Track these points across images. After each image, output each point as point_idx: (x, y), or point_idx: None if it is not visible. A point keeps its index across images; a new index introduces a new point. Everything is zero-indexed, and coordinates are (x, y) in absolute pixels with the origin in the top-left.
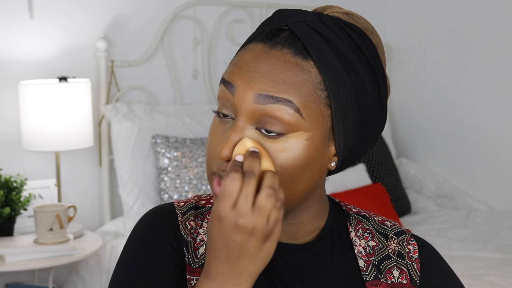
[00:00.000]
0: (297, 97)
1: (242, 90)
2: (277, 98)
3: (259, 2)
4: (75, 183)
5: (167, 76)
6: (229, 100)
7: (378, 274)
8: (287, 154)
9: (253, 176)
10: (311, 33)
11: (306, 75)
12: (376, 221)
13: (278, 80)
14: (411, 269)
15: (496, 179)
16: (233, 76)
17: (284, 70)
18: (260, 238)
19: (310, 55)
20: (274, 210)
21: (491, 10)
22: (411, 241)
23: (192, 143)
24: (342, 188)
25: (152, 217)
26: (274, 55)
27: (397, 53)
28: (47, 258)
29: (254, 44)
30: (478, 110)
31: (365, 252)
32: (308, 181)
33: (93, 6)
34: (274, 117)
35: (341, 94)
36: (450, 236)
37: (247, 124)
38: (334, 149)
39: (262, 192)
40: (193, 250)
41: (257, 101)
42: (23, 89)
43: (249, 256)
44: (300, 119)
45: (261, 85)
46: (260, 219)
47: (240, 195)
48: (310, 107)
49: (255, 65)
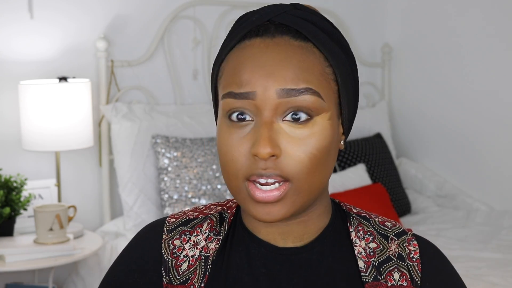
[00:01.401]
0: (315, 81)
1: (263, 90)
2: (299, 89)
3: (259, 2)
4: (75, 183)
5: (167, 76)
6: (248, 104)
7: (378, 275)
8: (319, 137)
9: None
10: (297, 19)
11: (312, 55)
12: (376, 222)
13: (294, 68)
14: (412, 270)
15: (496, 179)
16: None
17: (294, 55)
18: None
19: (306, 37)
20: None
21: (491, 10)
22: (412, 241)
23: (192, 143)
24: (342, 188)
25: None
26: (279, 43)
27: (397, 53)
28: (47, 258)
29: (247, 41)
30: (478, 110)
31: (365, 253)
32: (332, 164)
33: (93, 6)
34: (300, 106)
35: (341, 68)
36: (450, 236)
37: (274, 118)
38: (342, 126)
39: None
40: (174, 269)
41: (281, 95)
42: (23, 89)
43: None
44: (322, 101)
45: (279, 79)
46: None
47: None
48: (325, 86)
49: (265, 59)
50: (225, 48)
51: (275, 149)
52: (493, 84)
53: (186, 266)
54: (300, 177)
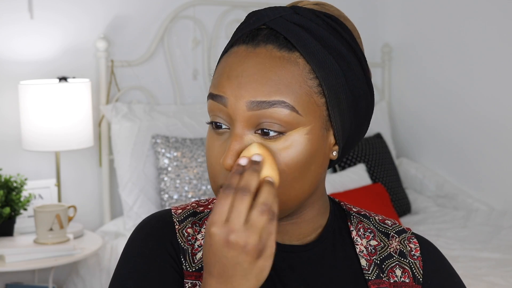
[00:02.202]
0: (290, 95)
1: (234, 99)
2: (270, 102)
3: (259, 2)
4: (75, 183)
5: (167, 76)
6: (222, 111)
7: (380, 273)
8: (290, 152)
9: (248, 193)
10: (291, 26)
11: (294, 67)
12: (376, 220)
13: (267, 80)
14: (414, 267)
15: (496, 179)
16: (222, 88)
17: (272, 67)
18: (253, 254)
19: (294, 47)
20: (267, 225)
21: (490, 8)
22: (412, 239)
23: (192, 143)
24: (342, 188)
25: (150, 226)
26: (260, 53)
27: (397, 53)
28: (47, 258)
29: (236, 47)
30: (479, 110)
31: (366, 251)
32: (314, 175)
33: (93, 6)
34: (271, 120)
35: (332, 79)
36: (450, 236)
37: (245, 130)
38: (333, 137)
39: (255, 208)
40: (190, 256)
41: (251, 108)
42: (23, 89)
43: (242, 272)
44: (297, 116)
45: (251, 91)
46: (253, 235)
47: (233, 211)
48: (304, 100)
49: (242, 69)
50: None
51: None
52: (493, 83)
53: (201, 254)
54: None
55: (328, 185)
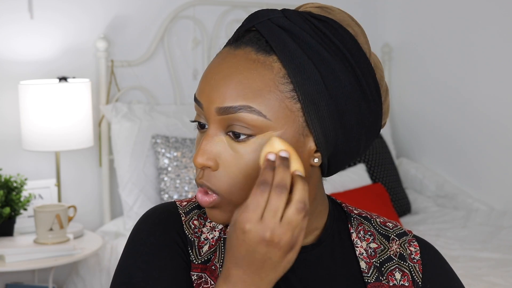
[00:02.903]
0: (257, 100)
1: (207, 104)
2: (236, 107)
3: (259, 2)
4: (75, 183)
5: (167, 76)
6: (201, 113)
7: (379, 276)
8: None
9: (285, 190)
10: (275, 29)
11: (267, 71)
12: (377, 222)
13: (236, 84)
14: (413, 271)
15: (496, 179)
16: (200, 93)
17: (243, 70)
18: (285, 250)
19: (273, 50)
20: (301, 222)
21: (490, 7)
22: (413, 242)
23: (192, 143)
24: (342, 188)
25: (155, 217)
26: (237, 54)
27: (397, 53)
28: (47, 258)
29: (224, 48)
30: (479, 110)
31: (366, 254)
32: None
33: (93, 6)
34: (239, 123)
35: (308, 86)
36: (450, 236)
37: (217, 131)
38: (314, 144)
39: (292, 206)
40: (197, 249)
41: (220, 112)
42: (23, 89)
43: (271, 266)
44: (265, 120)
45: (220, 97)
46: (288, 233)
47: (269, 208)
48: (274, 105)
49: (217, 70)
50: None
51: (208, 162)
52: (493, 83)
53: (207, 248)
54: (233, 192)
55: (328, 185)
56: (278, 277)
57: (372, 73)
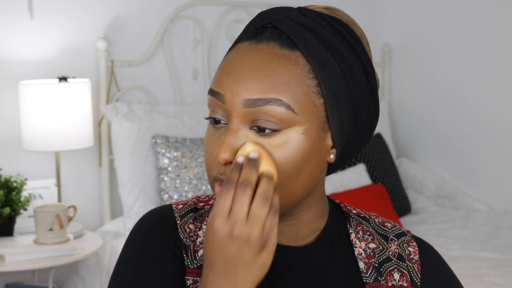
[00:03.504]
0: (286, 93)
1: (231, 96)
2: (266, 99)
3: (259, 2)
4: (75, 183)
5: (167, 76)
6: (220, 107)
7: (378, 276)
8: (284, 150)
9: (248, 186)
10: (295, 25)
11: (293, 66)
12: (376, 222)
13: (265, 77)
14: (412, 271)
15: (496, 179)
16: (220, 85)
17: (270, 64)
18: (256, 247)
19: (296, 46)
20: (269, 217)
21: (490, 8)
22: (411, 242)
23: (192, 143)
24: (342, 188)
25: (150, 221)
26: (261, 49)
27: (397, 53)
28: (47, 258)
29: (240, 43)
30: (479, 109)
31: (365, 254)
32: (309, 176)
33: (93, 6)
34: (266, 116)
35: (332, 81)
36: (450, 236)
37: (241, 126)
38: (331, 140)
39: (255, 200)
40: (192, 253)
41: (247, 105)
42: (23, 89)
43: (245, 266)
44: (293, 114)
45: (248, 89)
46: (255, 227)
47: (234, 205)
48: (301, 100)
49: (242, 64)
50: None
51: (232, 157)
52: (493, 83)
53: (202, 252)
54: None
55: (328, 185)
56: (254, 281)
57: (375, 74)
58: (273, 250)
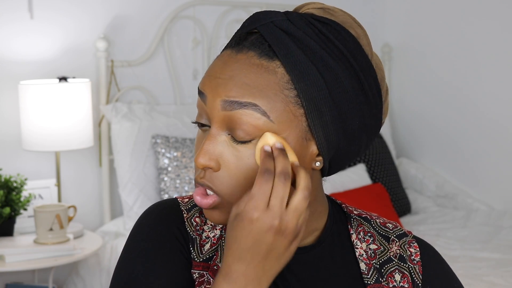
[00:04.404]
0: (263, 100)
1: (211, 97)
2: (242, 103)
3: (259, 2)
4: (75, 183)
5: (167, 76)
6: (203, 109)
7: (379, 277)
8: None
9: (288, 178)
10: (278, 33)
11: (271, 76)
12: (377, 223)
13: (242, 84)
14: (413, 272)
15: (496, 179)
16: (203, 85)
17: (248, 74)
18: (290, 238)
19: (276, 55)
20: (306, 210)
21: (490, 7)
22: (413, 243)
23: (192, 143)
24: (342, 188)
25: (157, 213)
26: (240, 59)
27: (397, 53)
28: (47, 258)
29: (224, 51)
30: (478, 110)
31: (366, 255)
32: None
33: (93, 6)
34: (241, 122)
35: (312, 91)
36: (450, 236)
37: (220, 131)
38: (316, 148)
39: (299, 193)
40: (198, 247)
41: (224, 107)
42: (23, 89)
43: (276, 256)
44: (268, 121)
45: (226, 91)
46: (294, 220)
47: (275, 195)
48: (278, 108)
49: (221, 72)
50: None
51: (210, 162)
52: (493, 83)
53: (208, 246)
54: (234, 193)
55: (328, 185)
56: (280, 269)
57: (374, 75)
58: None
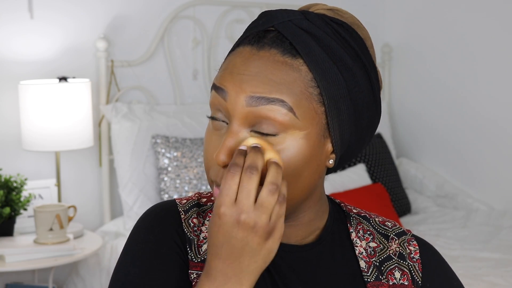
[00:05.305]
0: (289, 96)
1: (234, 94)
2: (269, 98)
3: (259, 2)
4: (75, 183)
5: (167, 76)
6: (221, 105)
7: (379, 275)
8: (283, 154)
9: (255, 171)
10: (298, 31)
11: (296, 73)
12: (376, 221)
13: (268, 80)
14: (413, 270)
15: (496, 179)
16: (224, 81)
17: (274, 70)
18: (262, 235)
19: (298, 53)
20: (276, 206)
21: (490, 7)
22: (412, 241)
23: (192, 143)
24: (342, 188)
25: (154, 215)
26: (263, 56)
27: (397, 53)
28: (47, 258)
29: (242, 47)
30: (479, 110)
31: (366, 253)
32: (308, 180)
33: (93, 6)
34: (267, 118)
35: (333, 90)
36: (450, 236)
37: (241, 128)
38: (331, 146)
39: (264, 187)
40: (196, 248)
41: (250, 103)
42: (23, 89)
43: (250, 253)
44: (294, 118)
45: (252, 87)
46: (263, 215)
47: (241, 190)
48: (303, 105)
49: (244, 68)
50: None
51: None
52: (493, 84)
53: (206, 246)
54: None
55: (328, 185)
56: (259, 268)
57: (378, 76)
58: (279, 238)
